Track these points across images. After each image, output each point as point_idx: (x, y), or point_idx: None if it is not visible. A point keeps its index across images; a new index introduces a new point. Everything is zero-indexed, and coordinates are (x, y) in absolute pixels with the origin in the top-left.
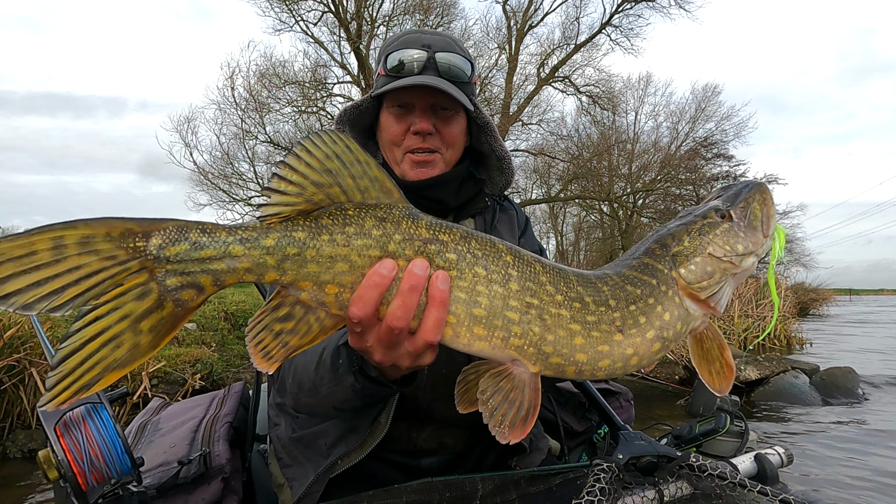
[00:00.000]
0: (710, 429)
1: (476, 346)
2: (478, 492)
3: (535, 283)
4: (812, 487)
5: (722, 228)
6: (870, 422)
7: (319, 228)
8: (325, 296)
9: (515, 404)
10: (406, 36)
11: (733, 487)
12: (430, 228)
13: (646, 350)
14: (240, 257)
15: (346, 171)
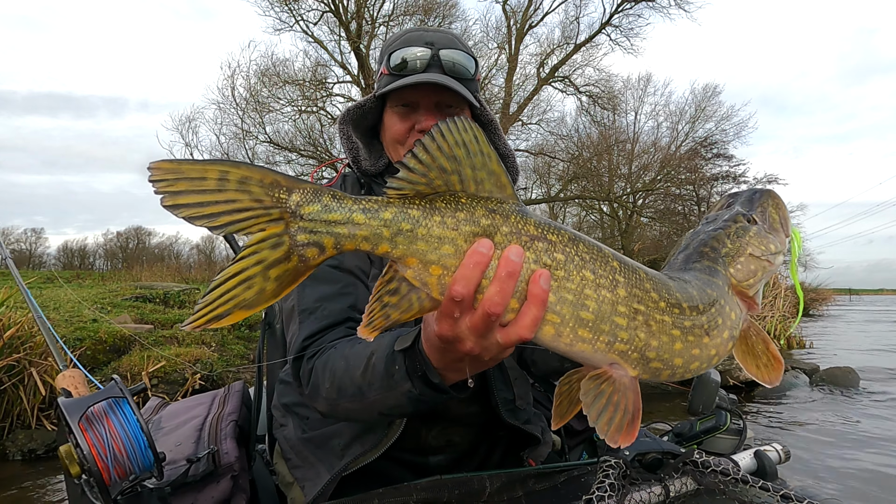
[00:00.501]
0: (711, 426)
1: (577, 348)
2: (486, 489)
3: (642, 290)
4: (810, 484)
5: (754, 230)
6: (869, 421)
7: (433, 210)
8: (428, 276)
9: (621, 408)
10: (408, 34)
11: (735, 483)
12: (539, 227)
13: (724, 350)
14: (360, 225)
15: (469, 161)
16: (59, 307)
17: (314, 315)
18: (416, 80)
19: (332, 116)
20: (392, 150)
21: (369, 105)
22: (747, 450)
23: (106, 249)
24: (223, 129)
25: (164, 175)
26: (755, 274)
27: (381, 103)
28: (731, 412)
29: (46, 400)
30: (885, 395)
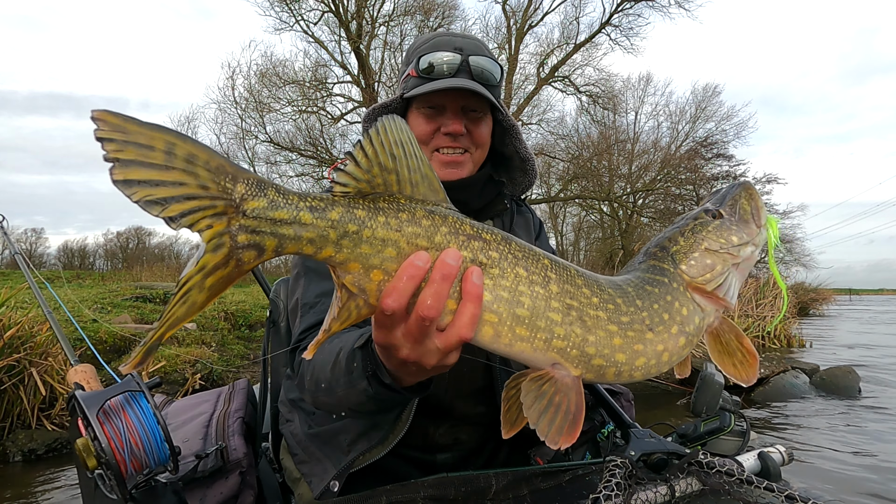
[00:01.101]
0: (715, 427)
1: (517, 347)
2: (491, 487)
3: (573, 286)
4: (812, 485)
5: (714, 225)
6: (869, 421)
7: (377, 210)
8: (368, 282)
9: (562, 409)
10: (437, 38)
11: (740, 484)
12: (474, 227)
13: (674, 346)
14: (308, 226)
15: (406, 162)
16: (59, 307)
17: (313, 309)
18: (448, 84)
19: (331, 116)
20: None
21: (395, 105)
22: (751, 451)
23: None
24: (223, 128)
25: (111, 133)
26: (713, 268)
27: (405, 103)
28: (734, 413)
29: (47, 400)
30: (885, 394)
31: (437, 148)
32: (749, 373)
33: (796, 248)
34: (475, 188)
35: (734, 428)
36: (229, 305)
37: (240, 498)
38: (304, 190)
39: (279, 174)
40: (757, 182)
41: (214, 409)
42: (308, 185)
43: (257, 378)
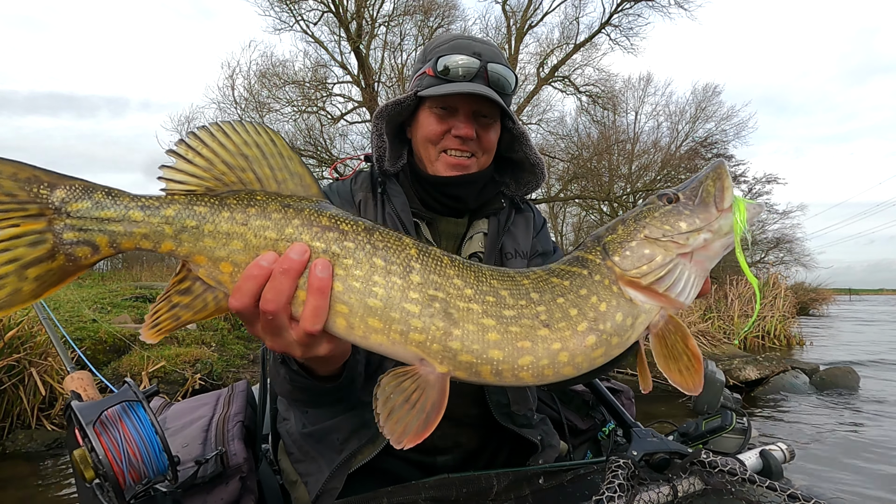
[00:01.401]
0: (717, 426)
1: (373, 340)
2: (493, 488)
3: (442, 277)
4: (813, 483)
5: (662, 210)
6: (870, 421)
7: (222, 206)
8: (220, 274)
9: (417, 406)
10: (457, 41)
11: (743, 483)
12: (333, 218)
13: (577, 345)
14: (138, 222)
15: (265, 161)
16: (59, 307)
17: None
18: (467, 89)
19: (331, 116)
20: (422, 149)
21: (408, 102)
22: (752, 449)
23: None
24: None
25: None
26: (651, 259)
27: (417, 100)
28: (735, 412)
29: (46, 400)
30: (884, 394)
31: (446, 149)
32: (694, 380)
33: (796, 248)
34: (475, 186)
35: (735, 426)
36: None
37: (240, 503)
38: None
39: None
40: (757, 182)
41: (214, 413)
42: None
43: (257, 378)
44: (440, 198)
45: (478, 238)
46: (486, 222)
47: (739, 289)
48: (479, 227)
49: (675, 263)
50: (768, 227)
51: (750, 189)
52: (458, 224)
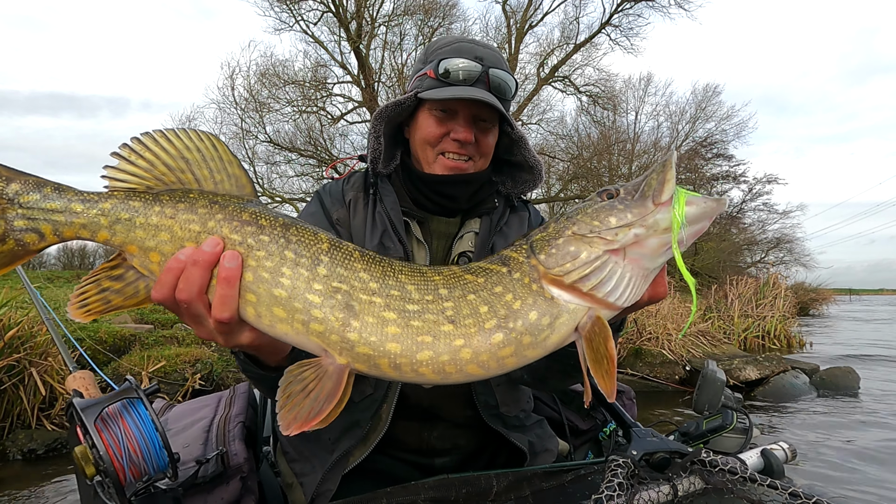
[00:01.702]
0: (717, 425)
1: (279, 329)
2: (493, 488)
3: (347, 269)
4: (815, 482)
5: (595, 206)
6: (870, 421)
7: (155, 201)
8: (150, 263)
9: (311, 396)
10: (459, 44)
11: (744, 482)
12: (254, 214)
13: (482, 342)
14: (78, 213)
15: (205, 164)
16: (59, 307)
17: None
18: (468, 94)
19: (331, 116)
20: (420, 150)
21: (409, 103)
22: (754, 448)
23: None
24: (223, 128)
25: None
26: (576, 256)
27: (416, 102)
28: (736, 411)
29: (47, 400)
30: (885, 394)
31: (444, 152)
32: (609, 385)
33: (796, 248)
34: (470, 187)
35: (736, 425)
36: None
37: (241, 503)
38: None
39: (279, 174)
40: (757, 182)
41: (215, 414)
42: (308, 184)
43: None
44: (433, 196)
45: (468, 237)
46: (478, 222)
47: (739, 289)
48: (471, 227)
49: (604, 261)
50: (768, 227)
51: (750, 189)
52: (449, 224)
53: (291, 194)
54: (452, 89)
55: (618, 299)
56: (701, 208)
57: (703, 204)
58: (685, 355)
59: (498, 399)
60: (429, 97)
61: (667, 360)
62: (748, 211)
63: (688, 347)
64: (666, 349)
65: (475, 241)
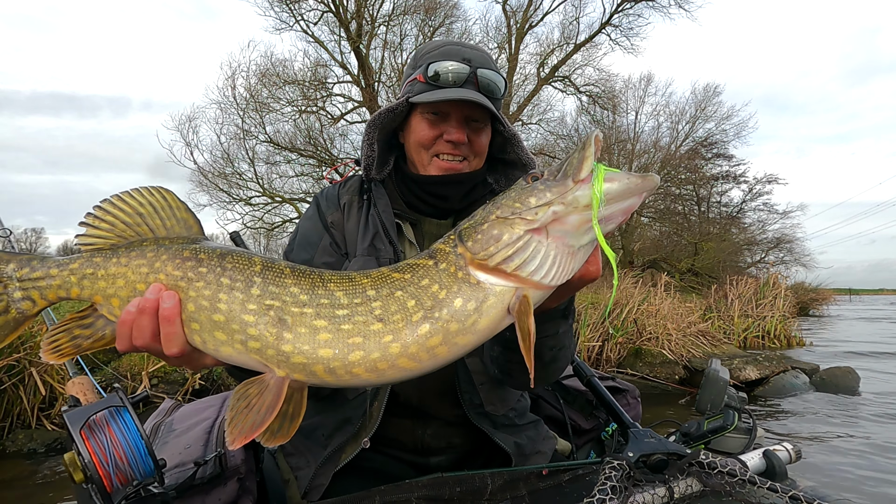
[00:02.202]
0: (719, 426)
1: (223, 352)
2: (487, 487)
3: (279, 287)
4: (818, 484)
5: (517, 189)
6: (871, 421)
7: (113, 254)
8: (113, 309)
9: (254, 408)
10: (447, 47)
11: (743, 484)
12: (194, 250)
13: (410, 335)
14: (54, 276)
15: (157, 214)
16: (59, 307)
17: None
18: (458, 96)
19: (331, 116)
20: (415, 153)
21: (401, 109)
22: (757, 449)
23: None
24: (223, 128)
25: None
26: (499, 239)
27: (409, 106)
28: (739, 411)
29: (46, 400)
30: (885, 394)
31: (438, 154)
32: (528, 362)
33: (796, 248)
34: (463, 187)
35: (739, 425)
36: None
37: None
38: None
39: (279, 174)
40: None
41: (218, 415)
42: (308, 184)
43: None
44: (426, 197)
45: None
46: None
47: (739, 289)
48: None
49: (526, 241)
50: (768, 227)
51: (750, 189)
52: (441, 225)
53: (291, 194)
54: (442, 91)
55: (543, 277)
56: (623, 184)
57: (624, 180)
58: (685, 355)
59: (482, 398)
60: (420, 101)
61: (667, 360)
62: (748, 211)
63: (688, 347)
64: (666, 349)
65: None
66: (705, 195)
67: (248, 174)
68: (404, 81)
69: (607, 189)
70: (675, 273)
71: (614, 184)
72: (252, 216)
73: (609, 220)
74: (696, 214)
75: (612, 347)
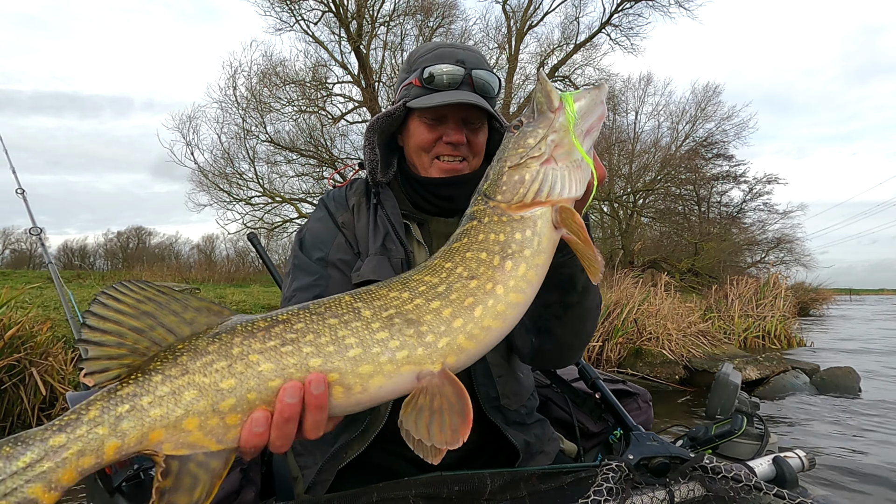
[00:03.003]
0: (727, 431)
1: (373, 384)
2: (486, 487)
3: (380, 299)
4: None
5: (512, 139)
6: (873, 421)
7: (148, 373)
8: (187, 434)
9: (445, 407)
10: (440, 49)
11: (748, 490)
12: (265, 318)
13: (501, 274)
14: (65, 445)
15: (166, 310)
16: (60, 307)
17: (289, 302)
18: (456, 99)
19: (331, 116)
20: (415, 156)
21: (398, 114)
22: (768, 455)
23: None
24: (224, 128)
25: None
26: (523, 180)
27: (406, 111)
28: (750, 416)
29: (47, 400)
30: (885, 394)
31: (439, 155)
32: (590, 252)
33: (797, 248)
34: (468, 187)
35: (749, 431)
36: (230, 305)
37: (241, 494)
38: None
39: (279, 174)
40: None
41: None
42: (308, 185)
43: None
44: (431, 198)
45: None
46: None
47: (740, 289)
48: None
49: (544, 172)
50: (769, 227)
51: (750, 189)
52: (448, 224)
53: (291, 194)
54: (439, 95)
55: (569, 192)
56: (589, 98)
57: (587, 94)
58: (685, 355)
59: (499, 390)
60: (419, 106)
61: (667, 360)
62: (748, 211)
63: (688, 347)
64: (666, 349)
65: None
66: (705, 195)
67: (249, 174)
68: (398, 85)
69: (579, 107)
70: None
71: (582, 101)
72: (252, 216)
73: (592, 130)
74: (697, 214)
75: (612, 347)
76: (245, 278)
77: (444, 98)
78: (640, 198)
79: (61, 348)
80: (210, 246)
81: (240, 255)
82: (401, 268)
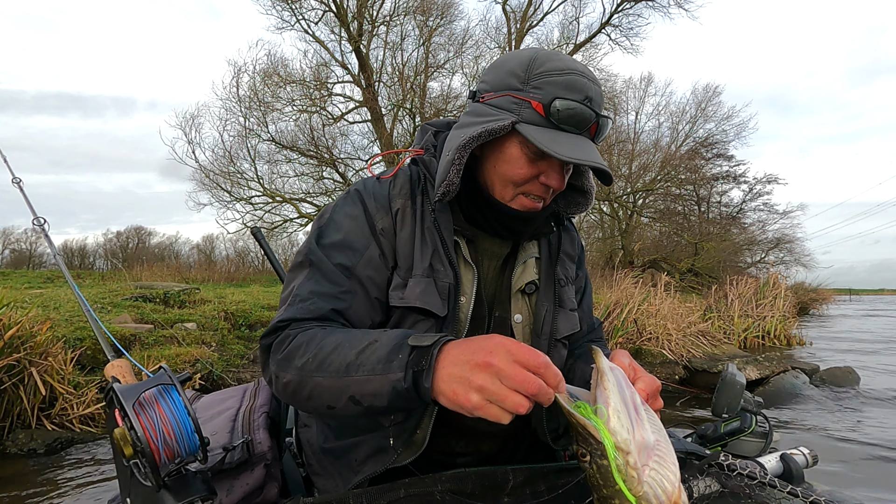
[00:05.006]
0: (736, 428)
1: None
2: (508, 482)
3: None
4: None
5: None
6: (874, 422)
7: None
8: None
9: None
10: (572, 76)
11: (763, 487)
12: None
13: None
14: None
15: None
16: (60, 307)
17: (304, 304)
18: (588, 160)
19: (332, 116)
20: (499, 183)
21: (503, 133)
22: (773, 453)
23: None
24: (227, 126)
25: None
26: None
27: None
28: (756, 414)
29: (47, 400)
30: (885, 394)
31: (527, 193)
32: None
33: (797, 248)
34: (535, 222)
35: (755, 429)
36: (229, 305)
37: (264, 489)
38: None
39: (279, 174)
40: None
41: (241, 405)
42: (308, 185)
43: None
44: (495, 223)
45: (531, 263)
46: (535, 245)
47: (739, 289)
48: (530, 251)
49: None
50: (769, 227)
51: (750, 189)
52: (501, 245)
53: (291, 194)
54: (565, 140)
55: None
56: (612, 398)
57: (604, 395)
58: (685, 355)
59: (560, 423)
60: (539, 144)
61: (667, 360)
62: (748, 211)
63: (688, 347)
64: (666, 349)
65: (538, 268)
66: (705, 195)
67: (250, 173)
68: (499, 88)
69: (612, 427)
70: (675, 273)
71: (612, 417)
72: (252, 216)
73: (635, 406)
74: (696, 214)
75: (612, 347)
76: (245, 278)
77: (573, 153)
78: (640, 198)
79: (61, 348)
80: (210, 246)
81: (240, 254)
82: (447, 294)
